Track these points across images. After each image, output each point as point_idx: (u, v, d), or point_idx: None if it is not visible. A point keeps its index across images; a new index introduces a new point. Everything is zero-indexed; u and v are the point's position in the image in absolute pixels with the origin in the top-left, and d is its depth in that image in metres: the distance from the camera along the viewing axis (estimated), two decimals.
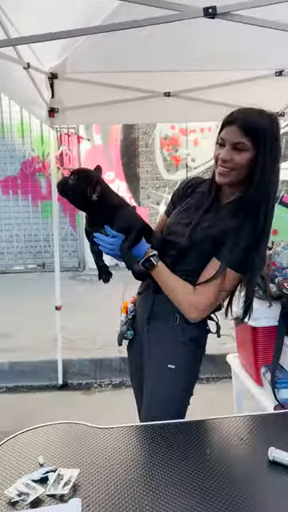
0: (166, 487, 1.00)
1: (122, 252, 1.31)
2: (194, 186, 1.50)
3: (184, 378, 1.46)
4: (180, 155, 6.57)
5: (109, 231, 1.31)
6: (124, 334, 1.55)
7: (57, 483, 0.99)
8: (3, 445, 1.18)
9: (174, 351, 1.43)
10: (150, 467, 1.08)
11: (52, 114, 2.78)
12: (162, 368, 1.42)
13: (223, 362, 2.72)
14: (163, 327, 1.44)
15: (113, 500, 0.96)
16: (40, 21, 1.73)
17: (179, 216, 1.45)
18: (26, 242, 6.74)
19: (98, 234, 1.33)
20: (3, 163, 6.57)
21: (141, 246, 1.36)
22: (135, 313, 1.56)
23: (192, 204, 1.44)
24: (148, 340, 1.48)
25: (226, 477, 1.04)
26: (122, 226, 1.31)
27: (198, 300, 1.35)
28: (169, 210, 1.56)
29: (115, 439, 1.21)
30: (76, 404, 3.12)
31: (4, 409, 3.09)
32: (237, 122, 1.25)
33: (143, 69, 2.55)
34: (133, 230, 1.32)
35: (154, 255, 1.36)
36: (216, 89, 2.68)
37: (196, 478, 1.03)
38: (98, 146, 6.56)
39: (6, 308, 4.76)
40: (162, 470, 1.07)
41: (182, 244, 1.38)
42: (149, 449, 1.16)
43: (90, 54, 2.36)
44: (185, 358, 1.44)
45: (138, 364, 1.57)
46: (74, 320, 4.06)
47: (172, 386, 1.43)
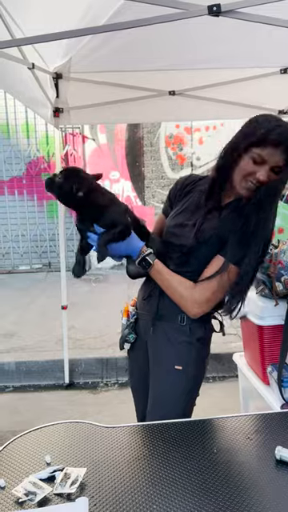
0: (173, 486, 1.00)
1: (97, 245, 1.30)
2: (191, 184, 1.48)
3: (191, 379, 1.45)
4: (185, 154, 6.56)
5: (97, 230, 1.31)
6: (126, 338, 1.53)
7: (64, 482, 0.99)
8: (10, 444, 1.19)
9: (181, 352, 1.42)
10: (157, 466, 1.08)
11: (57, 114, 2.79)
12: (169, 369, 1.42)
13: (230, 361, 2.72)
14: (170, 328, 1.43)
15: (120, 499, 0.96)
16: (44, 21, 1.73)
17: (179, 217, 1.43)
18: (31, 242, 6.76)
19: (89, 234, 1.32)
20: (9, 164, 6.59)
21: (133, 243, 1.34)
22: (137, 316, 1.54)
23: (191, 204, 1.43)
24: (154, 342, 1.47)
25: (233, 476, 1.04)
26: (106, 223, 1.30)
27: (201, 296, 1.34)
28: (166, 208, 1.55)
29: (122, 438, 1.21)
30: (82, 403, 3.13)
31: (11, 408, 3.11)
32: (282, 145, 1.21)
33: (148, 68, 2.55)
34: (117, 225, 1.31)
35: (150, 253, 1.35)
36: (221, 87, 2.67)
37: (203, 478, 1.03)
38: (103, 146, 6.56)
39: (13, 308, 4.78)
40: (169, 469, 1.07)
41: (186, 246, 1.37)
42: (156, 448, 1.16)
43: (94, 54, 2.36)
44: (192, 358, 1.43)
45: (141, 366, 1.55)
46: (80, 319, 4.07)
47: (179, 387, 1.43)
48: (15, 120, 6.50)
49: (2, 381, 3.50)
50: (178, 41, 2.12)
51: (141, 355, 1.54)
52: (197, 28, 1.82)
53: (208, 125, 6.37)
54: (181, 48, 2.26)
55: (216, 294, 1.34)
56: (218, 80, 2.66)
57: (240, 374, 2.41)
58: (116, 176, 6.59)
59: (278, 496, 0.97)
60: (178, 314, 1.41)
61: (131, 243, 1.33)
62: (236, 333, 3.71)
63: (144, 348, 1.52)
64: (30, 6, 1.69)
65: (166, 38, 2.04)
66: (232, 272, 1.31)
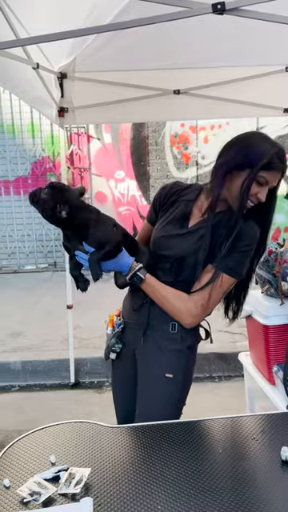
0: (178, 486, 1.00)
1: (89, 263, 1.29)
2: (176, 194, 1.47)
3: (181, 387, 1.45)
4: (190, 153, 6.55)
5: (86, 248, 1.29)
6: (112, 348, 1.52)
7: (68, 482, 0.99)
8: (15, 444, 1.19)
9: (171, 360, 1.42)
10: (162, 466, 1.08)
11: (62, 114, 2.79)
12: (159, 377, 1.41)
13: (235, 361, 2.71)
14: (160, 337, 1.43)
15: (124, 499, 0.96)
16: (49, 21, 1.73)
17: (167, 228, 1.43)
18: (37, 242, 6.78)
19: (77, 252, 1.31)
20: (14, 164, 6.62)
21: (123, 259, 1.33)
22: (125, 325, 1.54)
23: (178, 214, 1.43)
24: (143, 351, 1.46)
25: (239, 476, 1.03)
26: (95, 242, 1.29)
27: (196, 307, 1.35)
28: (151, 217, 1.54)
29: (127, 438, 1.21)
30: (88, 403, 3.13)
31: (16, 408, 3.12)
32: (282, 170, 1.30)
33: (153, 67, 2.54)
34: (106, 244, 1.29)
35: (141, 268, 1.35)
36: (226, 85, 2.66)
37: (208, 478, 1.03)
38: (108, 145, 6.57)
39: (19, 307, 4.80)
40: (174, 469, 1.06)
41: (176, 256, 1.37)
42: (161, 448, 1.15)
43: (99, 53, 2.36)
44: (182, 366, 1.43)
45: (126, 376, 1.55)
46: (85, 319, 4.08)
47: (169, 395, 1.43)
48: (20, 120, 6.53)
49: (7, 380, 3.51)
50: (183, 39, 2.11)
51: (127, 364, 1.53)
52: (202, 26, 1.81)
53: (213, 123, 6.35)
54: (186, 47, 2.25)
55: (210, 304, 1.36)
56: (222, 78, 2.65)
57: (246, 374, 2.40)
58: (121, 175, 6.60)
59: (284, 496, 0.97)
60: (169, 323, 1.41)
61: (121, 259, 1.33)
62: (241, 332, 3.70)
63: (131, 357, 1.51)
64: (34, 6, 1.69)
65: (171, 36, 2.03)
66: (224, 281, 1.33)
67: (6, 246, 6.80)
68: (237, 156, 1.29)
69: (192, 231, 1.38)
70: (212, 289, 1.32)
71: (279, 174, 1.30)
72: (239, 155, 1.29)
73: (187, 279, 1.37)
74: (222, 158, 1.34)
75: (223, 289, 1.34)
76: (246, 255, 1.34)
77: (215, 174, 1.34)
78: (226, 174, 1.31)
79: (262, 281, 2.11)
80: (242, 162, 1.28)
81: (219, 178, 1.32)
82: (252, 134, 1.35)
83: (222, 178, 1.31)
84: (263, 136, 1.33)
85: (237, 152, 1.30)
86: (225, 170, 1.31)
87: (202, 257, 1.33)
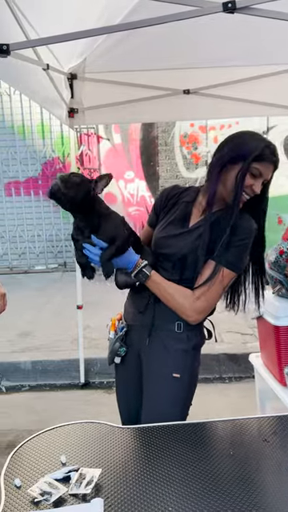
0: (189, 487, 1.00)
1: (101, 261, 1.29)
2: (176, 196, 1.51)
3: (188, 387, 1.46)
4: (200, 153, 6.53)
5: (95, 241, 1.29)
6: (117, 352, 1.52)
7: (79, 483, 0.99)
8: (26, 443, 1.19)
9: (178, 360, 1.42)
10: (173, 467, 1.07)
11: (71, 115, 2.79)
12: (166, 377, 1.42)
13: (246, 362, 2.69)
14: (166, 337, 1.43)
15: (135, 500, 0.96)
16: (59, 22, 1.73)
17: (168, 228, 1.46)
18: (47, 242, 6.81)
19: (86, 245, 1.31)
20: (24, 164, 6.66)
21: (129, 257, 1.35)
22: (127, 328, 1.54)
23: (178, 215, 1.46)
24: (149, 352, 1.46)
25: (250, 479, 1.02)
26: (106, 235, 1.29)
27: (200, 302, 1.36)
28: (152, 220, 1.56)
29: (137, 439, 1.20)
30: (98, 403, 3.14)
31: (27, 407, 3.13)
32: (275, 163, 1.35)
33: (163, 67, 2.54)
34: (116, 240, 1.30)
35: (146, 265, 1.36)
36: (235, 85, 2.65)
37: (219, 480, 1.02)
38: (118, 146, 6.57)
39: (29, 307, 4.82)
40: (185, 471, 1.06)
41: (177, 255, 1.39)
42: (171, 449, 1.15)
43: (109, 54, 2.36)
44: (189, 366, 1.44)
45: (130, 378, 1.55)
46: (95, 319, 4.08)
47: (176, 395, 1.43)
48: (31, 121, 6.56)
49: (18, 380, 3.53)
50: (193, 39, 2.10)
51: (131, 367, 1.53)
52: (212, 26, 1.80)
53: (223, 123, 6.33)
54: (196, 46, 2.24)
55: (213, 299, 1.38)
56: (232, 78, 2.63)
57: (256, 375, 2.38)
58: (131, 176, 6.60)
59: None
60: (174, 322, 1.42)
61: (128, 256, 1.35)
62: (252, 333, 3.68)
63: (135, 359, 1.52)
64: (44, 8, 1.69)
65: (181, 36, 2.02)
66: (225, 275, 1.35)
67: (16, 246, 6.84)
68: (230, 151, 1.34)
69: (191, 230, 1.41)
70: (213, 284, 1.34)
71: (272, 166, 1.34)
72: (232, 150, 1.34)
73: (191, 277, 1.39)
74: (217, 155, 1.39)
75: (224, 283, 1.37)
76: (245, 249, 1.36)
77: (211, 172, 1.39)
78: (220, 169, 1.35)
79: (274, 281, 2.09)
80: (235, 155, 1.33)
81: (215, 174, 1.36)
82: (244, 132, 1.42)
83: (217, 174, 1.36)
84: (254, 133, 1.39)
85: (230, 148, 1.35)
86: (219, 166, 1.35)
87: (202, 254, 1.36)
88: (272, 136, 6.36)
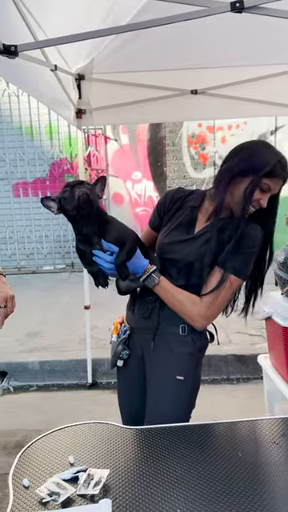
0: (197, 489, 0.99)
1: (117, 266, 1.28)
2: (180, 200, 1.50)
3: (191, 389, 1.45)
4: (207, 153, 6.51)
5: (106, 246, 1.28)
6: (120, 355, 1.52)
7: (87, 483, 0.99)
8: (34, 443, 1.19)
9: (182, 362, 1.42)
10: (181, 469, 1.07)
11: (79, 116, 2.80)
12: (170, 380, 1.42)
13: (254, 363, 2.68)
14: (171, 340, 1.43)
15: (143, 501, 0.96)
16: (67, 23, 1.74)
17: (174, 234, 1.45)
18: (55, 243, 6.84)
19: (96, 252, 1.29)
20: (32, 165, 6.69)
21: (139, 261, 1.34)
22: (130, 331, 1.53)
23: (184, 220, 1.45)
24: (154, 355, 1.46)
25: (259, 481, 1.02)
26: (115, 239, 1.28)
27: (207, 309, 1.37)
28: (154, 222, 1.55)
29: (145, 440, 1.20)
30: (105, 403, 3.13)
31: (35, 407, 3.14)
32: (285, 178, 1.34)
33: (170, 67, 2.53)
34: (126, 242, 1.29)
35: (155, 270, 1.36)
36: (243, 85, 2.63)
37: (228, 481, 1.02)
38: (125, 146, 6.58)
39: (37, 307, 4.84)
40: (193, 472, 1.05)
41: (184, 261, 1.39)
42: (179, 450, 1.14)
43: (116, 54, 2.36)
44: (192, 369, 1.44)
45: (132, 381, 1.55)
46: (103, 319, 4.09)
47: (180, 397, 1.43)
48: (39, 122, 6.59)
49: (26, 380, 3.54)
50: (200, 39, 2.10)
51: (134, 370, 1.53)
52: (219, 25, 1.79)
53: (231, 123, 6.31)
54: (204, 46, 2.23)
55: (221, 306, 1.39)
56: (240, 78, 2.62)
57: (265, 376, 2.37)
58: (138, 176, 6.60)
59: None
60: (178, 325, 1.42)
61: (137, 261, 1.34)
62: (261, 334, 3.66)
63: (138, 362, 1.51)
64: (52, 8, 1.70)
65: (188, 36, 2.01)
66: (233, 282, 1.36)
67: (24, 246, 6.87)
68: (241, 163, 1.33)
69: (197, 236, 1.41)
70: (221, 291, 1.34)
71: (281, 182, 1.34)
72: (243, 162, 1.32)
73: (197, 283, 1.39)
74: (227, 164, 1.38)
75: (232, 290, 1.38)
76: (251, 256, 1.37)
77: (219, 180, 1.38)
78: (230, 180, 1.34)
79: (282, 282, 2.08)
80: (245, 168, 1.31)
81: (223, 183, 1.35)
82: (256, 143, 1.42)
83: (226, 184, 1.35)
84: (267, 145, 1.39)
85: (241, 159, 1.33)
86: (229, 177, 1.34)
87: (208, 260, 1.36)
88: (280, 136, 6.33)
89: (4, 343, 3.74)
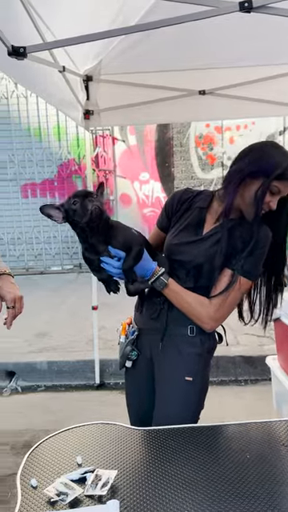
0: (205, 491, 0.99)
1: (124, 271, 1.28)
2: (188, 201, 1.49)
3: (199, 390, 1.45)
4: (215, 154, 6.50)
5: (113, 252, 1.28)
6: (128, 356, 1.52)
7: (95, 484, 0.99)
8: (42, 444, 1.20)
9: (190, 363, 1.42)
10: (189, 470, 1.06)
11: (87, 117, 2.81)
12: (179, 380, 1.41)
13: (262, 364, 2.66)
14: (179, 341, 1.43)
15: (151, 503, 0.95)
16: (75, 24, 1.74)
17: (182, 235, 1.44)
18: (63, 244, 6.86)
19: (104, 258, 1.29)
20: (41, 166, 6.71)
21: (147, 264, 1.34)
22: (138, 332, 1.53)
23: (192, 221, 1.45)
24: (162, 356, 1.46)
25: (268, 483, 1.01)
26: (122, 244, 1.28)
27: (217, 311, 1.36)
28: (162, 223, 1.55)
29: (153, 441, 1.20)
30: (113, 404, 3.14)
31: (43, 408, 3.15)
32: None
33: (177, 67, 2.53)
34: (133, 246, 1.29)
35: (164, 273, 1.35)
36: (251, 85, 2.62)
37: (236, 483, 1.01)
38: (133, 147, 6.58)
39: (45, 308, 4.86)
40: (201, 474, 1.05)
41: (193, 262, 1.38)
42: (187, 451, 1.14)
43: (124, 55, 2.37)
44: (201, 370, 1.44)
45: (141, 382, 1.54)
46: (110, 320, 4.09)
47: (188, 398, 1.43)
48: (47, 123, 6.62)
49: (34, 380, 3.56)
50: (209, 39, 2.09)
51: (142, 371, 1.53)
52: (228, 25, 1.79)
53: (239, 123, 6.29)
54: (212, 47, 2.23)
55: (230, 307, 1.38)
56: (248, 78, 2.61)
57: (273, 378, 2.36)
58: (146, 177, 6.60)
59: None
60: (187, 326, 1.42)
61: (145, 264, 1.33)
62: (269, 335, 3.64)
63: (146, 363, 1.51)
64: (60, 10, 1.70)
65: (197, 37, 2.01)
66: (242, 284, 1.35)
67: (32, 247, 6.90)
68: (251, 164, 1.32)
69: (206, 237, 1.40)
70: (231, 293, 1.34)
71: None
72: (253, 164, 1.31)
73: (205, 285, 1.38)
74: (236, 165, 1.37)
75: (241, 292, 1.37)
76: (261, 257, 1.36)
77: (229, 181, 1.37)
78: (240, 181, 1.33)
79: None
80: (256, 170, 1.31)
81: (233, 185, 1.34)
82: (266, 144, 1.41)
83: (236, 185, 1.33)
84: (277, 146, 1.37)
85: (251, 161, 1.32)
86: (239, 178, 1.33)
87: (219, 262, 1.35)
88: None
89: (12, 343, 3.76)
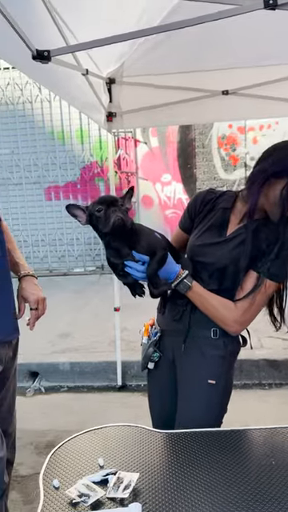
0: (227, 496, 0.97)
1: (149, 277, 1.28)
2: (212, 202, 1.47)
3: (223, 393, 1.43)
4: (238, 154, 6.43)
5: (138, 256, 1.28)
6: (151, 357, 1.51)
7: (117, 486, 0.99)
8: (65, 444, 1.20)
9: (214, 366, 1.41)
10: (211, 474, 1.05)
11: (110, 119, 2.82)
12: (202, 383, 1.40)
13: (287, 368, 2.62)
14: (202, 343, 1.42)
15: (173, 507, 0.94)
16: (98, 27, 1.75)
17: (205, 236, 1.43)
18: (85, 245, 6.91)
19: (128, 262, 1.29)
20: (64, 169, 6.78)
21: (171, 267, 1.33)
22: (161, 333, 1.52)
23: (216, 222, 1.43)
24: (185, 358, 1.45)
25: None
26: (146, 249, 1.28)
27: (242, 315, 1.34)
28: (185, 224, 1.54)
29: (175, 444, 1.19)
30: (135, 406, 3.13)
31: (66, 408, 3.17)
32: None
33: (200, 68, 2.51)
34: (157, 251, 1.28)
35: (187, 275, 1.34)
36: (275, 84, 2.58)
37: (259, 489, 0.99)
38: (155, 149, 6.58)
39: (68, 309, 4.90)
40: (223, 478, 1.03)
41: (216, 264, 1.37)
42: (210, 455, 1.12)
43: (146, 57, 2.37)
44: (225, 373, 1.42)
45: (163, 384, 1.53)
46: (132, 321, 4.09)
47: (212, 401, 1.41)
48: (70, 126, 6.68)
49: (57, 380, 3.58)
50: (232, 39, 2.07)
51: (164, 373, 1.52)
52: (251, 24, 1.77)
53: (262, 123, 6.21)
54: (235, 46, 2.20)
55: (256, 311, 1.36)
56: (271, 77, 2.57)
57: None
58: (168, 178, 6.58)
59: None
60: (210, 329, 1.40)
61: (169, 267, 1.33)
62: None
63: (169, 365, 1.50)
64: (84, 12, 1.71)
65: (220, 36, 1.99)
66: (268, 286, 1.33)
67: (56, 249, 6.97)
68: (274, 165, 1.30)
69: (229, 239, 1.38)
70: (257, 296, 1.32)
71: None
72: (277, 164, 1.29)
73: (230, 287, 1.37)
74: (260, 165, 1.35)
75: (267, 295, 1.35)
76: (287, 259, 1.33)
77: (252, 182, 1.35)
78: (264, 181, 1.31)
79: None
80: (280, 170, 1.29)
81: (257, 185, 1.32)
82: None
83: (260, 186, 1.32)
84: None
85: (275, 161, 1.31)
86: (263, 178, 1.31)
87: (244, 264, 1.34)
88: None
89: (36, 344, 3.80)
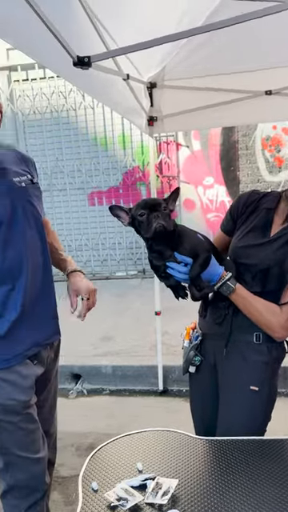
0: (268, 505, 0.93)
1: (192, 279, 1.26)
2: (255, 203, 1.43)
3: (266, 401, 1.39)
4: (283, 156, 6.27)
5: (180, 258, 1.27)
6: (192, 361, 1.49)
7: (155, 492, 0.97)
8: (104, 447, 1.20)
9: (256, 372, 1.36)
10: (251, 483, 1.01)
11: (151, 123, 2.82)
12: (244, 390, 1.36)
13: None
14: (245, 348, 1.38)
15: None
16: (139, 32, 1.76)
17: (248, 237, 1.39)
18: (127, 250, 6.95)
19: (171, 263, 1.28)
20: (106, 175, 6.87)
21: (214, 269, 1.30)
22: (202, 337, 1.49)
23: (258, 223, 1.39)
24: (226, 363, 1.42)
25: None
26: (189, 251, 1.26)
27: (287, 319, 1.30)
28: (227, 226, 1.51)
29: (216, 451, 1.16)
30: (176, 411, 3.11)
31: (107, 411, 3.19)
32: None
33: (243, 69, 2.47)
34: (200, 253, 1.26)
35: (231, 278, 1.31)
36: None
37: None
38: (197, 152, 6.54)
39: (110, 313, 4.94)
40: (263, 487, 1.00)
41: (260, 266, 1.33)
42: (250, 463, 1.09)
43: (188, 60, 2.35)
44: (268, 379, 1.37)
45: (205, 389, 1.51)
46: (173, 325, 4.06)
47: (255, 409, 1.37)
48: (112, 132, 6.77)
49: (99, 383, 3.62)
50: (274, 37, 2.02)
51: (206, 377, 1.49)
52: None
53: None
54: (278, 44, 2.15)
55: None
56: None
57: None
58: (210, 181, 6.52)
59: None
60: (252, 333, 1.36)
61: (212, 269, 1.30)
62: None
63: (211, 369, 1.47)
64: (124, 17, 1.72)
65: (262, 35, 1.95)
66: None
67: (98, 253, 7.07)
68: None
69: (273, 239, 1.34)
70: None
71: None
72: None
73: (274, 290, 1.33)
74: None
75: None
76: None
77: None
78: None
79: None
80: None
81: None
82: None
83: None
84: None
85: None
86: None
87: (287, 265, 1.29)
88: None
89: (79, 346, 3.86)
